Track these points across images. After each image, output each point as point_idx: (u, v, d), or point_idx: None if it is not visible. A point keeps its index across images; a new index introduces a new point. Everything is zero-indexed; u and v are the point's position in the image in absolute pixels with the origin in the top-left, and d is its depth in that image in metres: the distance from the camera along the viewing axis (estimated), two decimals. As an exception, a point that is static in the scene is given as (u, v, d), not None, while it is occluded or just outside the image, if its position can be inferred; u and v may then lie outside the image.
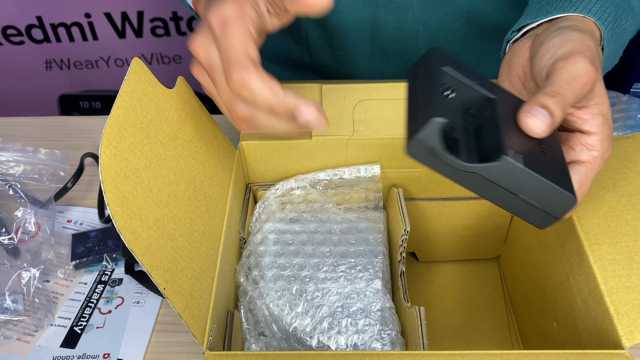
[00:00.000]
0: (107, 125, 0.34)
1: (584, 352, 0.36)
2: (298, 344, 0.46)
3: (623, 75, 1.14)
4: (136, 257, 0.34)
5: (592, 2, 0.42)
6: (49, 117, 0.79)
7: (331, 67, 0.74)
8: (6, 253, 0.56)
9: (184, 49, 1.40)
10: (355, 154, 0.55)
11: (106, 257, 0.58)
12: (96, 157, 0.70)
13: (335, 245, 0.52)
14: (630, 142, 0.47)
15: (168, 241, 0.38)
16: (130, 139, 0.37)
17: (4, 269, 0.55)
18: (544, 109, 0.35)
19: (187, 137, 0.44)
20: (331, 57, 0.73)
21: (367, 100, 0.53)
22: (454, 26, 0.67)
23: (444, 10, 0.65)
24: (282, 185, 0.56)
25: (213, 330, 0.40)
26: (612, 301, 0.39)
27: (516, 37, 0.47)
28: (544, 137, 0.36)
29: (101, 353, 0.51)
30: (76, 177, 0.65)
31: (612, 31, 0.43)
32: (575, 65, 0.37)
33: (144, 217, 0.36)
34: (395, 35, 0.67)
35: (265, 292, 0.48)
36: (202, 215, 0.44)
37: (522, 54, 0.43)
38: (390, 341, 0.46)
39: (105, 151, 0.34)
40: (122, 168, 0.35)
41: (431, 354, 0.37)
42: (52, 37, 1.34)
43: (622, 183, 0.45)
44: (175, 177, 0.41)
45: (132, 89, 0.38)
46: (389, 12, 0.65)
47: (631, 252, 0.41)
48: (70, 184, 0.64)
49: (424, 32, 0.67)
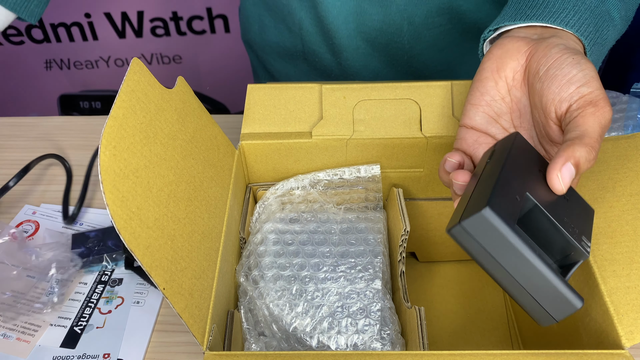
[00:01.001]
0: (107, 125, 0.34)
1: (584, 352, 0.36)
2: (298, 344, 0.46)
3: (623, 75, 1.14)
4: (136, 258, 0.34)
5: (570, 14, 0.42)
6: (49, 117, 0.79)
7: (322, 57, 0.76)
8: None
9: (184, 49, 1.40)
10: (355, 154, 0.55)
11: (106, 258, 0.58)
12: (60, 158, 0.69)
13: (335, 245, 0.52)
14: (631, 142, 0.47)
15: (168, 241, 0.38)
16: (129, 139, 0.37)
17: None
18: (575, 167, 0.35)
19: (187, 137, 0.44)
20: (322, 46, 0.74)
21: (367, 100, 0.53)
22: (437, 22, 0.68)
23: (428, 6, 0.66)
24: (282, 185, 0.56)
25: (213, 330, 0.40)
26: (612, 301, 0.39)
27: (493, 36, 0.46)
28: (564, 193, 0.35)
29: (101, 353, 0.51)
30: (19, 177, 0.64)
31: (593, 42, 0.43)
32: (605, 115, 0.37)
33: (144, 217, 0.36)
34: (380, 28, 0.68)
35: (265, 292, 0.48)
36: (202, 216, 0.44)
37: (517, 57, 0.42)
38: (390, 341, 0.46)
39: (104, 151, 0.34)
40: (121, 168, 0.35)
41: (431, 354, 0.37)
42: (52, 37, 1.34)
43: (622, 183, 0.45)
44: (175, 177, 0.41)
45: (131, 89, 0.38)
46: (373, 5, 0.66)
47: (631, 252, 0.41)
48: (12, 182, 0.63)
49: (408, 27, 0.68)
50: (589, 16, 0.43)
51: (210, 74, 1.45)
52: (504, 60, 0.43)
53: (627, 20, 0.48)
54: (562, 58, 0.39)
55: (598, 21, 0.43)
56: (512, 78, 0.43)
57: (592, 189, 0.45)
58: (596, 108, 0.37)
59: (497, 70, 0.43)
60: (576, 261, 0.36)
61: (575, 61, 0.39)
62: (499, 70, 0.43)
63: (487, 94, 0.44)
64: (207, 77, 1.45)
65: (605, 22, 0.44)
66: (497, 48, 0.43)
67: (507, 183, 0.34)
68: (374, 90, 0.54)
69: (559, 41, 0.41)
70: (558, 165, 0.35)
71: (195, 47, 1.40)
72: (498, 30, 0.46)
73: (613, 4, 0.45)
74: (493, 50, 0.44)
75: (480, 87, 0.44)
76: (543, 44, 0.41)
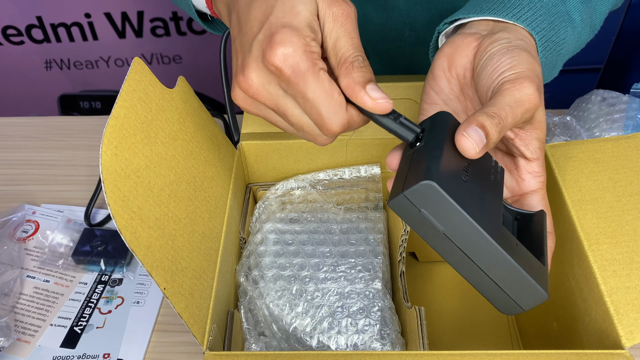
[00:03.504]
0: (108, 125, 0.34)
1: (584, 352, 0.36)
2: (298, 344, 0.46)
3: (623, 75, 1.14)
4: (137, 257, 0.34)
5: (524, 9, 0.42)
6: (49, 117, 0.79)
7: None
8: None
9: (184, 49, 1.40)
10: (355, 154, 0.55)
11: (103, 261, 0.58)
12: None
13: (335, 245, 0.52)
14: (631, 142, 0.47)
15: (168, 241, 0.38)
16: (131, 138, 0.37)
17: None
18: (481, 129, 0.34)
19: (188, 137, 0.44)
20: None
21: (367, 100, 0.53)
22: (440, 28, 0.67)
23: (431, 12, 0.65)
24: (282, 185, 0.56)
25: (213, 330, 0.40)
26: (612, 301, 0.39)
27: (447, 29, 0.45)
28: (477, 158, 0.34)
29: (101, 353, 0.51)
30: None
31: (546, 39, 0.42)
32: (522, 90, 0.36)
33: (145, 217, 0.36)
34: (381, 33, 0.68)
35: (265, 292, 0.48)
36: (202, 215, 0.44)
37: (466, 53, 0.41)
38: (390, 341, 0.46)
39: (106, 151, 0.34)
40: (122, 168, 0.35)
41: (431, 354, 0.37)
42: (52, 37, 1.34)
43: (622, 183, 0.45)
44: (175, 177, 0.41)
45: (132, 89, 0.38)
46: (376, 9, 0.65)
47: (631, 252, 0.41)
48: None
49: (409, 33, 0.67)
50: (544, 13, 0.42)
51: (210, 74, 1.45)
52: (454, 58, 0.42)
53: (591, 26, 0.47)
54: (497, 51, 0.39)
55: (555, 19, 0.43)
56: (463, 76, 0.42)
57: (592, 189, 0.45)
58: (513, 84, 0.37)
59: (448, 68, 0.42)
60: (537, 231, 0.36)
61: (508, 51, 0.39)
62: (450, 68, 0.42)
63: (441, 92, 0.43)
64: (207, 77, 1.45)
65: (563, 21, 0.43)
66: (447, 45, 0.43)
67: (447, 155, 0.34)
68: (374, 91, 0.53)
69: (504, 36, 0.40)
70: (462, 127, 0.35)
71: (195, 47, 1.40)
72: (454, 24, 0.45)
73: (574, 5, 0.44)
74: (444, 47, 0.43)
75: (435, 86, 0.43)
76: (489, 39, 0.40)
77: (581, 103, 0.69)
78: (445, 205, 0.31)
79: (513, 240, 0.34)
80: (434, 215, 0.32)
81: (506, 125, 0.35)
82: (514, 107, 0.36)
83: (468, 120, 0.35)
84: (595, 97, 0.68)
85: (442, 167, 0.32)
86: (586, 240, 0.42)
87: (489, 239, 0.32)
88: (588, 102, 0.68)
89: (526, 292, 0.33)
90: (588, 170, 0.46)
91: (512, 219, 0.39)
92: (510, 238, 0.34)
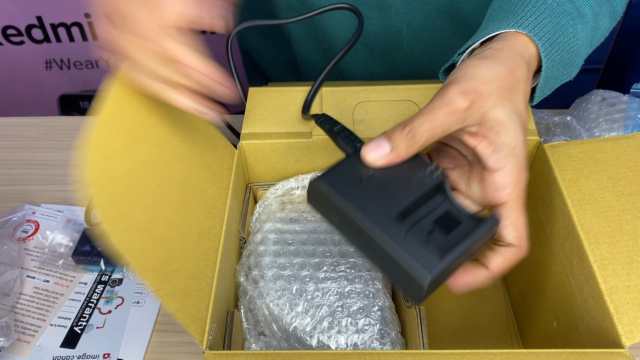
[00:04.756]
0: (96, 127, 0.34)
1: (584, 352, 0.36)
2: (298, 343, 0.46)
3: (623, 75, 1.14)
4: (126, 260, 0.34)
5: (525, 16, 0.41)
6: (49, 117, 0.79)
7: (315, 64, 0.74)
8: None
9: (184, 49, 1.40)
10: (355, 153, 0.55)
11: (103, 261, 0.58)
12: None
13: (335, 245, 0.52)
14: (631, 142, 0.47)
15: (159, 243, 0.38)
16: (119, 141, 0.36)
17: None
18: (388, 139, 0.37)
19: (180, 139, 0.44)
20: (315, 53, 0.73)
21: (367, 101, 0.54)
22: (438, 25, 0.67)
23: (428, 8, 0.65)
24: (282, 185, 0.56)
25: (213, 329, 0.40)
26: (612, 300, 0.39)
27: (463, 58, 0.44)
28: (380, 167, 0.38)
29: (101, 353, 0.51)
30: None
31: (551, 41, 0.41)
32: (445, 94, 0.36)
33: (133, 221, 0.36)
34: (379, 32, 0.68)
35: (265, 292, 0.48)
36: (197, 217, 0.43)
37: None
38: (390, 341, 0.46)
39: (93, 154, 0.34)
40: (110, 171, 0.35)
41: (431, 354, 0.37)
42: (52, 37, 1.34)
43: (622, 183, 0.45)
44: (167, 179, 0.41)
45: (120, 90, 0.38)
46: (372, 9, 0.65)
47: (631, 252, 0.41)
48: None
49: (407, 29, 0.67)
50: (548, 15, 0.42)
51: (210, 74, 1.45)
52: None
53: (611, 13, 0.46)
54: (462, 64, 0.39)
55: (561, 19, 0.42)
56: None
57: (591, 188, 0.45)
58: (441, 90, 0.37)
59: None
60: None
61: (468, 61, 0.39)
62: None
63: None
64: (207, 77, 1.45)
65: (572, 19, 0.42)
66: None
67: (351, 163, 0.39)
68: (373, 92, 0.54)
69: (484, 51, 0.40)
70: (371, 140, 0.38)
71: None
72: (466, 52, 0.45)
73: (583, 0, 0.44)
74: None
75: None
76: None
77: (581, 103, 0.69)
78: (329, 199, 0.37)
79: (403, 231, 0.35)
80: (321, 210, 0.39)
81: (421, 132, 0.36)
82: (432, 112, 0.36)
83: (382, 133, 0.38)
84: (595, 97, 0.68)
85: (336, 172, 0.38)
86: (586, 240, 0.42)
87: (369, 226, 0.35)
88: (588, 102, 0.68)
89: (409, 273, 0.34)
90: (588, 170, 0.46)
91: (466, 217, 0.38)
92: (400, 229, 0.35)
